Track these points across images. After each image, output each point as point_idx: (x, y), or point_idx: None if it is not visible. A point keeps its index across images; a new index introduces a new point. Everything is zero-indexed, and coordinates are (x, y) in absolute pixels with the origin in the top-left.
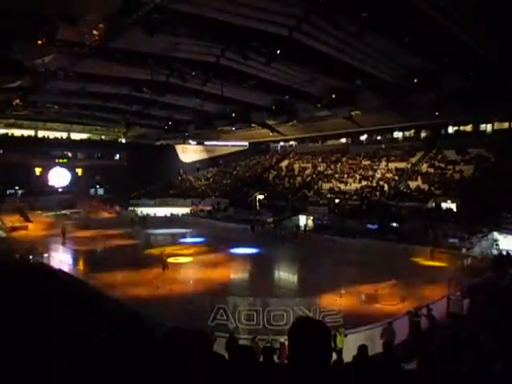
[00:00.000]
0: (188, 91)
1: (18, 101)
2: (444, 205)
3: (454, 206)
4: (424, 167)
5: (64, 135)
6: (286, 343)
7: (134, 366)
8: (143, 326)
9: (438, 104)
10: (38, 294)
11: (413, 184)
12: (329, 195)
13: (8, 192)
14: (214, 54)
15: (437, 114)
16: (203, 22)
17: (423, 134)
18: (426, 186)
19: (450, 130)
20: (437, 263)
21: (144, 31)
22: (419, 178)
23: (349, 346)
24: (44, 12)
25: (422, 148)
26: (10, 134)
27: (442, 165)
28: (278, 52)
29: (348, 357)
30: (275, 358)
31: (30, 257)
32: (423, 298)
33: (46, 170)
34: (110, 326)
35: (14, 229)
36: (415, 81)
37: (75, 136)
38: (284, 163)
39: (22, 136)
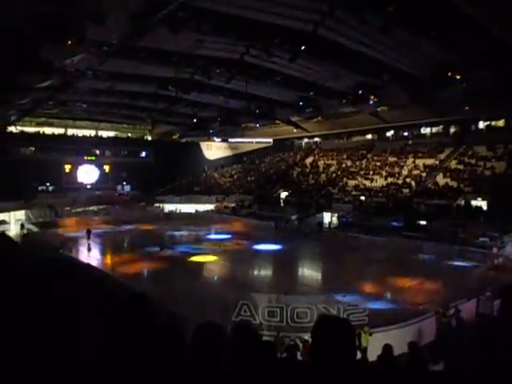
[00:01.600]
0: (212, 88)
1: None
2: (474, 202)
3: (484, 204)
4: (453, 164)
5: (92, 133)
6: (310, 340)
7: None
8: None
9: (468, 98)
10: (68, 287)
11: (441, 181)
12: (354, 192)
13: (40, 188)
14: (238, 51)
15: (466, 108)
16: (227, 19)
17: (452, 130)
18: (454, 183)
19: (481, 125)
20: (466, 263)
21: (169, 29)
22: (448, 174)
23: (373, 345)
24: (73, 13)
25: (450, 144)
26: (41, 132)
27: (472, 161)
28: (303, 48)
29: (373, 356)
30: (298, 355)
31: (61, 251)
32: (451, 299)
33: (75, 167)
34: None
35: (44, 224)
36: (443, 75)
37: (103, 134)
38: (308, 160)
39: (53, 134)
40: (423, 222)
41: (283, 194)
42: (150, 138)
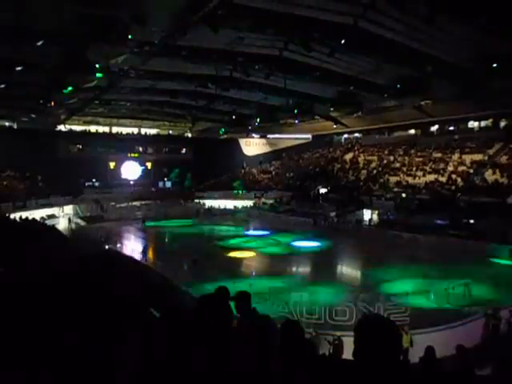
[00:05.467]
0: (251, 85)
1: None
2: None
3: None
4: (503, 159)
5: (135, 131)
6: (347, 339)
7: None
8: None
9: None
10: (112, 279)
11: (490, 177)
12: (396, 189)
13: (86, 184)
14: (276, 46)
15: None
16: (266, 15)
17: (502, 123)
18: (505, 180)
19: None
20: None
21: (209, 28)
22: (497, 170)
23: (415, 347)
24: (116, 14)
25: (501, 138)
26: (87, 131)
27: None
28: (343, 42)
29: (414, 358)
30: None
31: (107, 246)
32: (500, 301)
33: (119, 163)
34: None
35: (91, 218)
36: (493, 65)
37: (146, 131)
38: (348, 156)
39: (98, 132)
40: (470, 221)
41: (322, 191)
42: (190, 135)
